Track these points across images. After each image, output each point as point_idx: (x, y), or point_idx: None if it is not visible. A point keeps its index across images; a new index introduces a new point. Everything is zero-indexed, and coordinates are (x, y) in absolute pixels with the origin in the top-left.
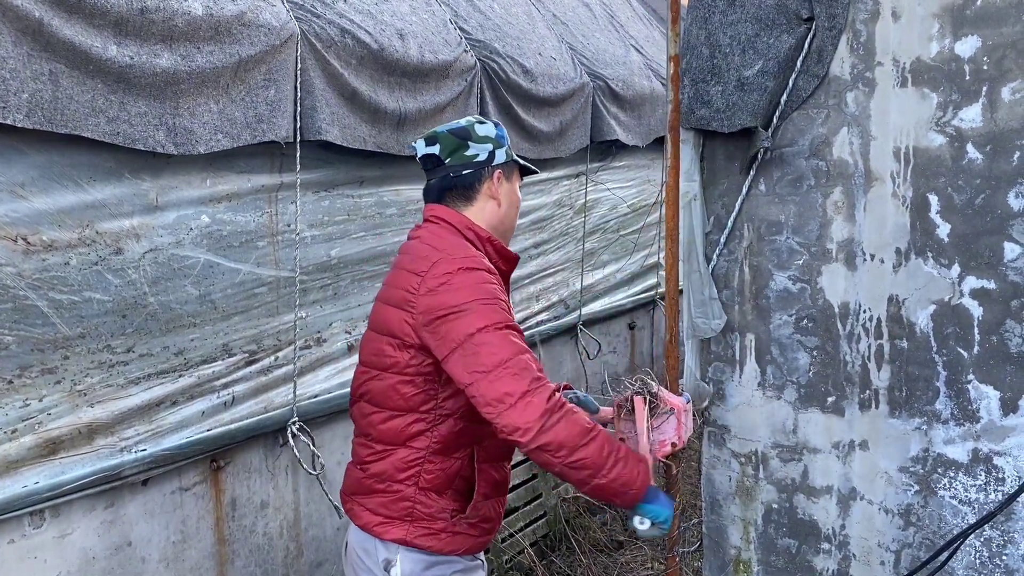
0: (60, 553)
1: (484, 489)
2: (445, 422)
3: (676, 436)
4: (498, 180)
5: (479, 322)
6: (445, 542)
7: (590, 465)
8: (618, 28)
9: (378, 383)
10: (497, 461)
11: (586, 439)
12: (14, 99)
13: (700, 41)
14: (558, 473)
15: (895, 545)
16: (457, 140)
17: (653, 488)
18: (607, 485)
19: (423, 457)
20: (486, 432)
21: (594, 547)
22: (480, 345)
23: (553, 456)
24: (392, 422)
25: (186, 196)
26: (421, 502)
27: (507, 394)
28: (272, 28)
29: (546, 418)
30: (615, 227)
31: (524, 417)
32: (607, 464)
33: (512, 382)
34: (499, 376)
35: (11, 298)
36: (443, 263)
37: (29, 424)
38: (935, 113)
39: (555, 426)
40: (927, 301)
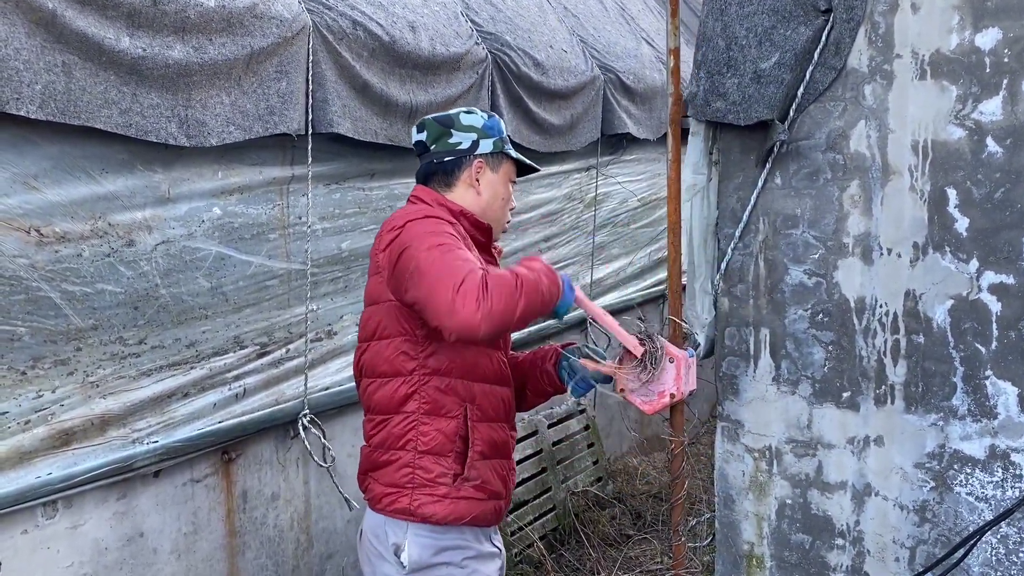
0: (73, 543)
1: (480, 447)
2: (430, 381)
3: (675, 387)
4: (478, 169)
5: (422, 247)
6: (449, 508)
7: (528, 309)
8: (629, 21)
9: (368, 354)
10: (493, 421)
11: (517, 294)
12: (27, 90)
13: (716, 33)
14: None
15: (910, 542)
16: (441, 128)
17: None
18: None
19: (416, 420)
20: (477, 390)
21: (603, 541)
22: (422, 265)
23: (501, 327)
24: (383, 389)
25: (198, 188)
26: (421, 467)
27: (441, 304)
28: (284, 20)
29: (479, 305)
30: (625, 221)
31: (464, 320)
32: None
33: (444, 288)
34: (435, 285)
35: (24, 289)
36: (396, 220)
37: (42, 415)
38: (954, 106)
39: (491, 311)
40: (944, 296)
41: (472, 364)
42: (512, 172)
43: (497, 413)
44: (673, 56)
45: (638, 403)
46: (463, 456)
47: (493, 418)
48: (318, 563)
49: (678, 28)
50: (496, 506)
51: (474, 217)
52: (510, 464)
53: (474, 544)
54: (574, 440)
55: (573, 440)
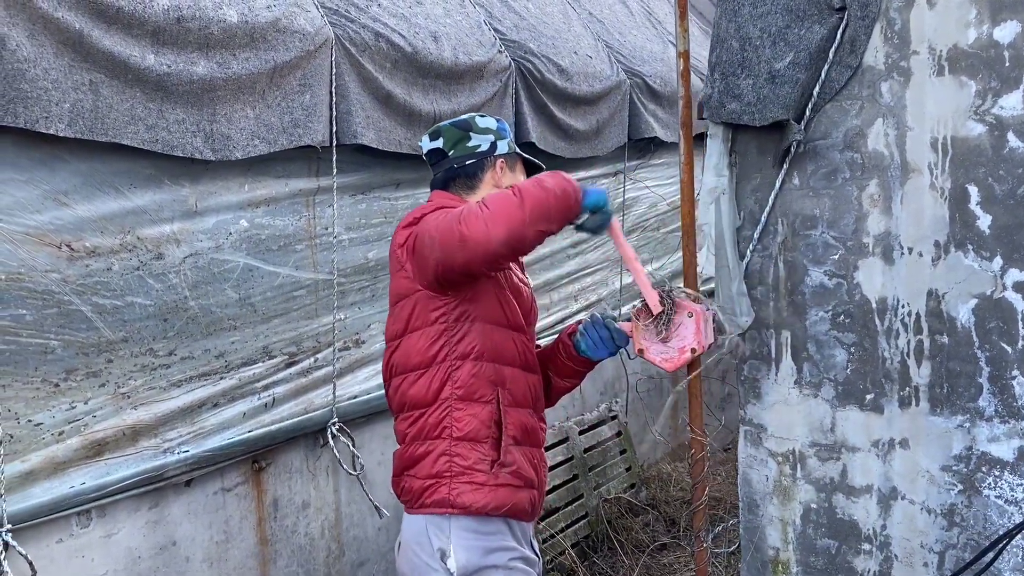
0: (107, 552)
1: (513, 432)
2: (462, 366)
3: (695, 341)
4: (501, 169)
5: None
6: (489, 496)
7: (539, 209)
8: (655, 24)
9: (399, 351)
10: (522, 406)
11: (518, 198)
12: (56, 109)
13: (730, 34)
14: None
15: (938, 546)
16: (459, 132)
17: (582, 187)
18: (561, 205)
19: (450, 406)
20: (507, 374)
21: (636, 548)
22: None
23: (519, 229)
24: (418, 383)
25: (225, 201)
26: (459, 454)
27: (452, 240)
28: (307, 34)
29: (485, 221)
30: (655, 225)
31: (476, 237)
32: (547, 191)
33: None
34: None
35: (56, 303)
36: (410, 216)
37: (75, 426)
38: (974, 101)
39: (495, 217)
40: (968, 295)
41: (500, 347)
42: (523, 171)
43: (525, 398)
44: (683, 59)
45: (658, 361)
46: (499, 442)
47: (522, 403)
48: (349, 571)
49: (687, 31)
50: (531, 496)
51: None
52: (540, 454)
53: (517, 546)
54: (606, 446)
55: (605, 446)
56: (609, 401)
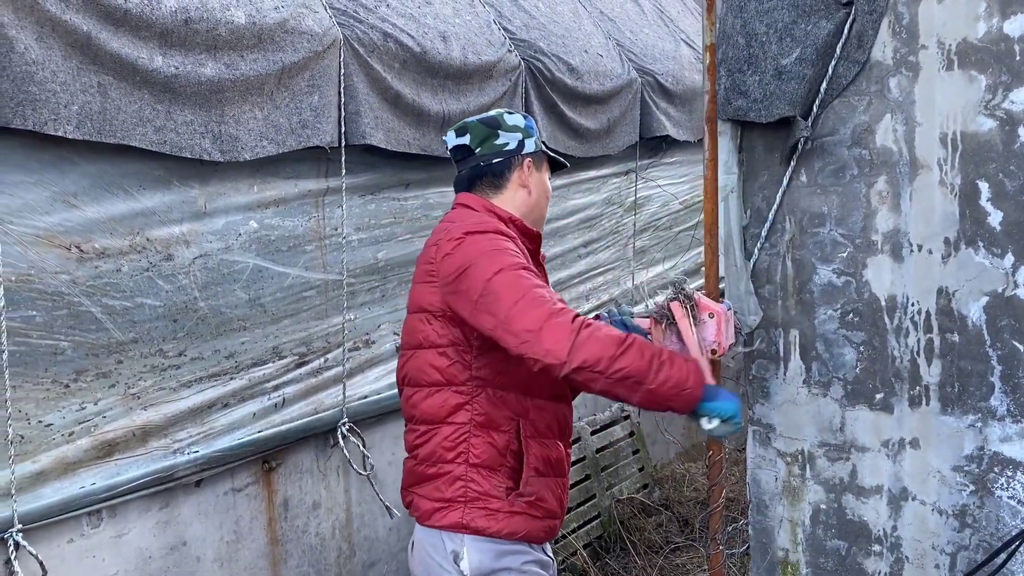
0: (117, 552)
1: (535, 464)
2: (483, 392)
3: (716, 342)
4: (528, 169)
5: (492, 268)
6: (504, 523)
7: (634, 372)
8: (667, 22)
9: (414, 362)
10: (546, 438)
11: (622, 347)
12: (64, 111)
13: (736, 30)
14: (604, 390)
15: (950, 547)
16: (487, 129)
17: (712, 386)
18: (659, 390)
19: (467, 432)
20: (530, 405)
21: (649, 549)
22: (496, 288)
23: (592, 372)
24: (431, 399)
25: (234, 202)
26: (473, 480)
27: (529, 327)
28: (315, 34)
29: (574, 336)
30: (667, 224)
31: (552, 340)
32: (652, 367)
33: (533, 312)
34: (520, 311)
35: (66, 304)
36: (456, 229)
37: (85, 427)
38: (984, 96)
39: (586, 342)
40: (979, 293)
41: (527, 379)
42: (548, 168)
43: (551, 429)
44: (709, 53)
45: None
46: (515, 472)
47: (546, 434)
48: (360, 571)
49: (715, 24)
50: (550, 525)
51: (523, 224)
52: (565, 482)
53: (530, 550)
54: (618, 447)
55: (617, 447)
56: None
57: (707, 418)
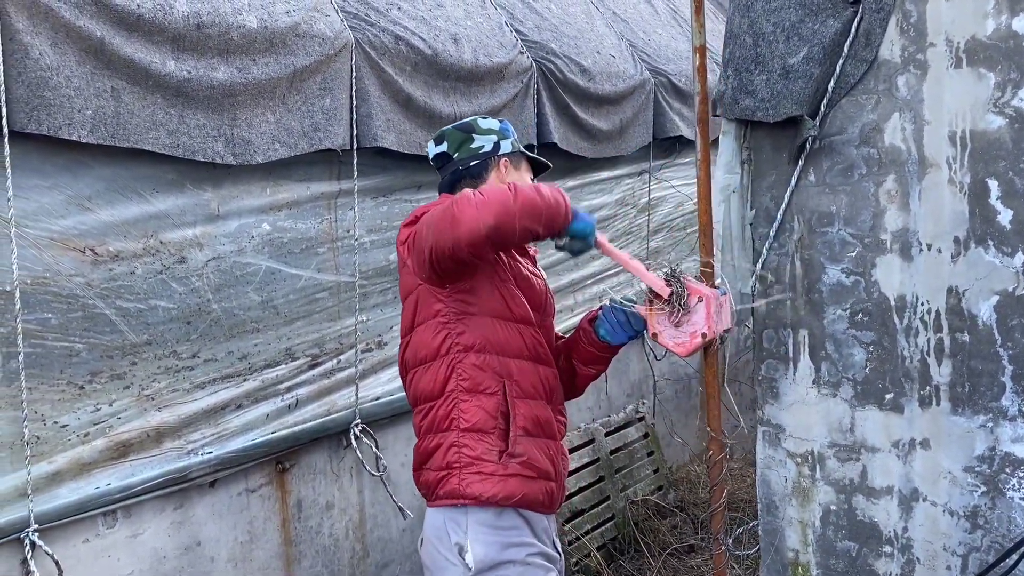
0: (132, 552)
1: (523, 423)
2: (466, 358)
3: (706, 327)
4: (505, 168)
5: (424, 218)
6: (499, 486)
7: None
8: (681, 23)
9: (409, 346)
10: (532, 398)
11: (512, 190)
12: (79, 116)
13: (743, 30)
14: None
15: (962, 549)
16: (463, 134)
17: (574, 209)
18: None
19: (456, 398)
20: (513, 367)
21: (663, 550)
22: (422, 225)
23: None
24: (426, 375)
25: (247, 205)
26: (466, 444)
27: (445, 228)
28: (326, 38)
29: (474, 205)
30: (681, 225)
31: (466, 222)
32: (538, 192)
33: (441, 219)
34: (435, 226)
35: (81, 307)
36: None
37: (100, 428)
38: (993, 94)
39: (486, 202)
40: (989, 292)
41: (505, 340)
42: (528, 170)
43: (536, 390)
44: (699, 54)
45: (671, 345)
46: (506, 433)
47: (532, 395)
48: (374, 572)
49: (703, 26)
50: (547, 488)
51: None
52: (557, 446)
53: (536, 542)
54: (632, 448)
55: (632, 448)
56: (636, 402)
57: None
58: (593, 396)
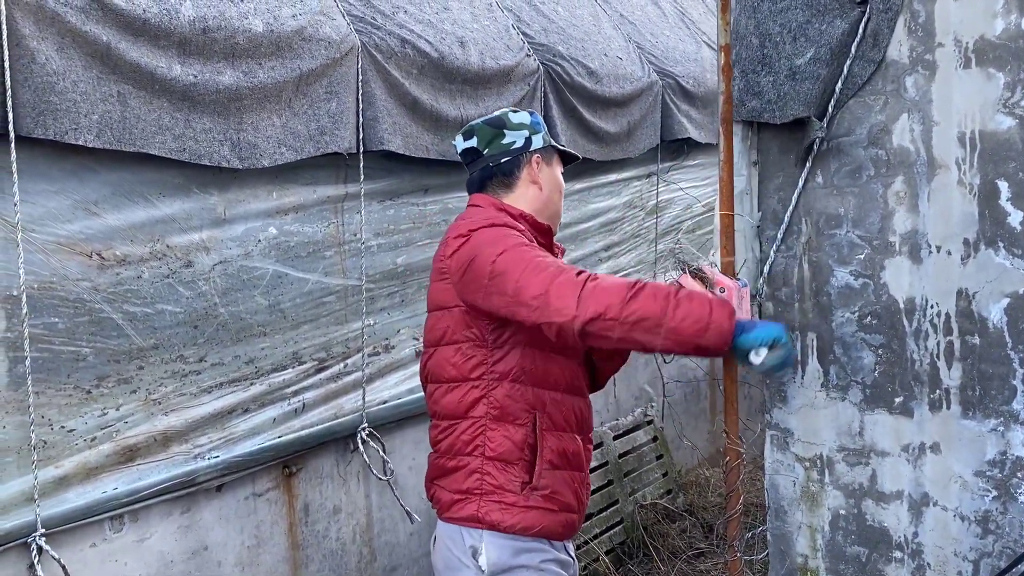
0: (139, 556)
1: (549, 457)
2: (499, 386)
3: None
4: (537, 165)
5: (496, 251)
6: (519, 517)
7: (648, 313)
8: (689, 24)
9: (434, 358)
10: (563, 431)
11: (632, 290)
12: (85, 120)
13: (749, 31)
14: (623, 338)
15: (973, 554)
16: (493, 130)
17: (743, 320)
18: (680, 327)
19: (484, 425)
20: (547, 398)
21: (673, 555)
22: (502, 267)
23: (605, 320)
24: (450, 394)
25: (253, 209)
26: (489, 473)
27: (537, 292)
28: (332, 41)
29: (580, 288)
30: (690, 227)
31: (559, 298)
32: (668, 305)
33: (537, 278)
34: (527, 281)
35: (87, 311)
36: (463, 226)
37: (107, 432)
38: (1002, 94)
39: (593, 291)
40: (1000, 294)
41: (543, 372)
42: (559, 162)
43: (568, 423)
44: (724, 53)
45: None
46: (531, 465)
47: (563, 428)
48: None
49: (729, 24)
50: (568, 519)
51: (534, 219)
52: (583, 477)
53: (550, 548)
54: (641, 452)
55: (640, 452)
56: (645, 405)
57: (753, 351)
58: (602, 399)
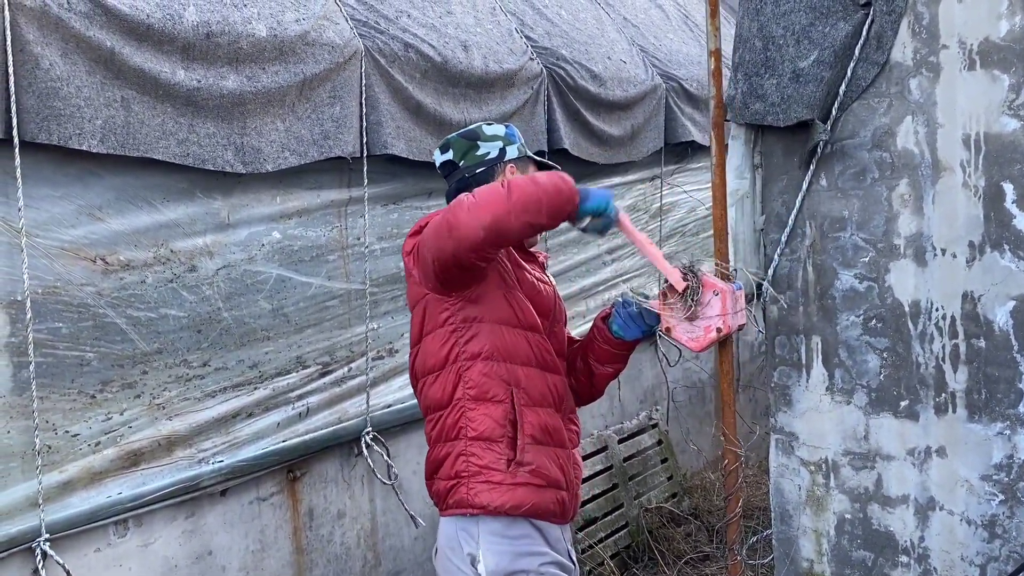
0: (144, 561)
1: (531, 432)
2: (473, 366)
3: (721, 321)
4: (511, 174)
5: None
6: (507, 496)
7: (526, 195)
8: (692, 28)
9: (419, 355)
10: (540, 406)
11: (504, 187)
12: (89, 126)
13: (753, 34)
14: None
15: (980, 559)
16: (468, 142)
17: (583, 189)
18: (552, 199)
19: (464, 406)
20: (521, 374)
21: (678, 558)
22: (426, 236)
23: (504, 219)
24: (434, 385)
25: (257, 213)
26: (474, 453)
27: (442, 234)
28: (336, 46)
29: (467, 209)
30: (694, 230)
31: (462, 228)
32: (536, 185)
33: (438, 227)
34: (435, 233)
35: (92, 316)
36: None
37: (111, 437)
38: (1007, 96)
39: (478, 205)
40: (1005, 297)
41: (511, 347)
42: (536, 171)
43: (544, 398)
44: (714, 58)
45: (685, 340)
46: (514, 442)
47: (540, 403)
48: None
49: (718, 29)
50: (558, 497)
51: None
52: (568, 454)
53: (549, 551)
54: (646, 455)
55: (645, 455)
56: (649, 409)
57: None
58: (606, 403)
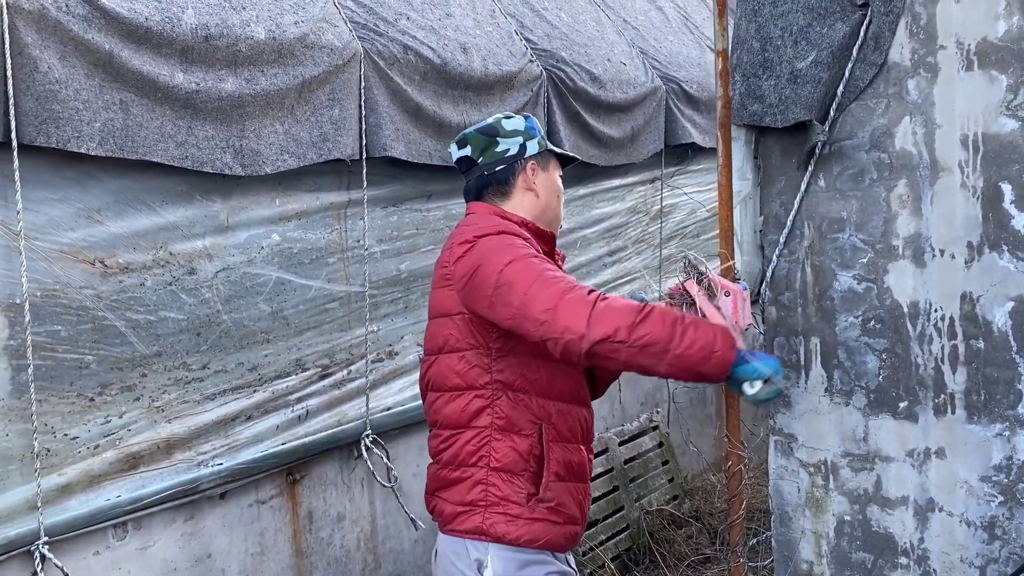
0: (143, 564)
1: (555, 468)
2: (503, 396)
3: (734, 319)
4: (532, 171)
5: (503, 261)
6: (524, 529)
7: (656, 338)
8: (692, 29)
9: (436, 367)
10: (569, 442)
11: (641, 315)
12: (87, 128)
13: (750, 35)
14: (628, 361)
15: (979, 560)
16: (486, 138)
17: (744, 350)
18: (686, 354)
19: (489, 435)
20: (552, 409)
21: (679, 561)
22: (509, 278)
23: (613, 342)
24: (453, 403)
25: (256, 216)
26: (494, 484)
27: (545, 307)
28: (335, 48)
29: (590, 308)
30: (695, 232)
31: (568, 316)
32: (675, 331)
33: (546, 293)
34: (535, 294)
35: (91, 319)
36: (468, 232)
37: (110, 440)
38: (1005, 96)
39: (603, 312)
40: (1004, 298)
41: (547, 381)
42: (557, 165)
43: (574, 434)
44: (721, 58)
45: None
46: (537, 476)
47: (569, 439)
48: None
49: (726, 29)
50: (571, 531)
51: (536, 227)
52: (586, 488)
53: (554, 560)
54: (647, 458)
55: (646, 458)
56: (650, 411)
57: (748, 382)
58: (607, 405)
